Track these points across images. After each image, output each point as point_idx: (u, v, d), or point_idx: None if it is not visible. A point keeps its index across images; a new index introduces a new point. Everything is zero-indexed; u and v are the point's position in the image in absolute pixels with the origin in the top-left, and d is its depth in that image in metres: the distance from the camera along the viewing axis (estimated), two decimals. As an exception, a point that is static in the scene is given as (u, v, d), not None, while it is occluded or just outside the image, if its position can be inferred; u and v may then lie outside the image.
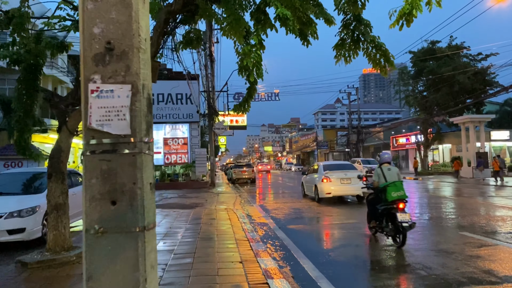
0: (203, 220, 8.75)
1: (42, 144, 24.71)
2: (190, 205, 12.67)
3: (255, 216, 10.17)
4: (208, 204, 12.99)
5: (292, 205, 12.85)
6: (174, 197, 16.24)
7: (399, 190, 6.38)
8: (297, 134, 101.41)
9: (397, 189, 6.38)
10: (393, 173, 6.76)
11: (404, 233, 6.04)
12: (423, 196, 15.50)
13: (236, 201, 14.32)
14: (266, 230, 8.04)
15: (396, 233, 6.22)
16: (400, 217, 6.06)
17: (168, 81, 23.25)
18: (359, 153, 43.50)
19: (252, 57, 4.99)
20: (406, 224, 6.01)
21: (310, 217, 10.23)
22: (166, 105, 23.07)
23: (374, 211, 6.85)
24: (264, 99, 23.48)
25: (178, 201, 14.18)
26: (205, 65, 22.76)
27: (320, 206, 12.32)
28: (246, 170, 28.20)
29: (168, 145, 23.13)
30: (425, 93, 33.87)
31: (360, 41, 6.37)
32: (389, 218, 6.41)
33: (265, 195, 17.93)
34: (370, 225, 7.12)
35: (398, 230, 6.12)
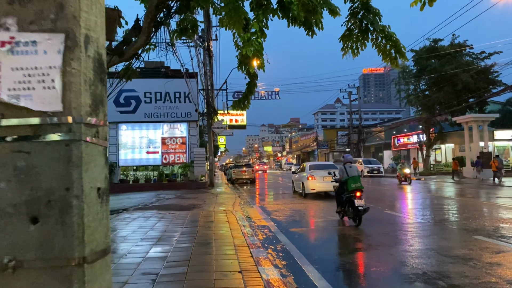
0: (200, 223, 8.28)
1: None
2: (187, 207, 12.20)
3: (255, 218, 9.71)
4: (207, 206, 12.52)
5: (293, 206, 12.39)
6: (171, 198, 15.77)
7: (357, 182, 8.20)
8: (297, 134, 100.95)
9: (355, 181, 8.21)
10: (353, 170, 8.61)
11: (360, 215, 7.96)
12: (426, 197, 15.04)
13: (236, 202, 13.85)
14: (267, 233, 7.58)
15: (355, 215, 8.03)
16: (357, 203, 7.89)
17: (165, 79, 22.76)
18: (360, 153, 43.04)
19: (253, 45, 4.53)
20: (361, 208, 7.88)
21: (314, 219, 9.77)
22: (164, 104, 22.59)
23: (340, 199, 8.70)
24: (264, 97, 23.01)
25: (176, 202, 13.71)
26: (204, 63, 22.30)
27: (323, 207, 11.85)
28: (245, 170, 27.75)
29: (166, 145, 22.65)
30: (427, 92, 33.44)
31: (369, 31, 5.91)
32: (349, 204, 8.18)
33: (265, 196, 17.46)
34: (337, 210, 8.93)
35: (356, 213, 7.94)
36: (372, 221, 8.77)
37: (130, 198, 16.42)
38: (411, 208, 11.90)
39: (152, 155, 22.64)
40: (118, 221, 8.83)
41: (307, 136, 78.24)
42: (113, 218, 9.26)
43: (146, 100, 22.47)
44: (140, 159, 22.62)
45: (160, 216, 9.43)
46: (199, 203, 13.30)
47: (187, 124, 22.78)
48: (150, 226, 7.96)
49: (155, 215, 9.72)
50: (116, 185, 21.34)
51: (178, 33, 5.06)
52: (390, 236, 7.19)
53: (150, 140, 22.65)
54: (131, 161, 22.65)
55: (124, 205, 13.05)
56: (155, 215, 9.83)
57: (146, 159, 22.67)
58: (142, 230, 7.40)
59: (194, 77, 22.26)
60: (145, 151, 22.59)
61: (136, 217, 9.39)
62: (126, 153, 22.48)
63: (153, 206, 12.39)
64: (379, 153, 48.16)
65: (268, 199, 16.07)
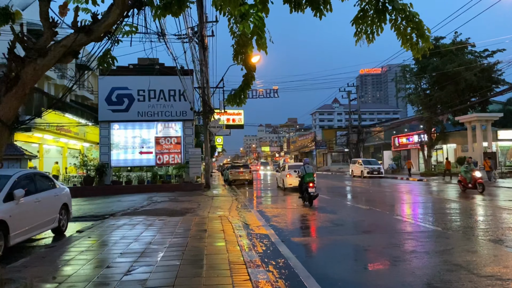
0: (192, 232, 7.40)
1: (27, 144, 23.26)
2: (180, 211, 11.31)
3: (253, 225, 8.84)
4: (201, 210, 11.64)
5: (294, 211, 11.53)
6: (164, 201, 14.88)
7: (311, 177, 12.33)
8: (294, 134, 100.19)
9: (309, 176, 12.37)
10: (309, 169, 12.83)
11: (312, 199, 12.15)
12: (436, 201, 14.15)
13: (232, 206, 12.98)
14: (267, 244, 6.71)
15: (309, 198, 12.18)
16: (310, 190, 12.09)
17: (159, 77, 21.86)
18: (359, 153, 42.26)
19: (252, 20, 3.66)
20: (312, 193, 12.07)
21: (318, 225, 8.90)
22: (158, 102, 21.67)
23: (301, 188, 12.84)
24: (262, 95, 22.14)
25: (168, 206, 12.82)
26: (200, 60, 21.40)
27: (326, 211, 10.99)
28: (243, 171, 26.88)
29: (160, 145, 21.73)
30: (428, 91, 32.69)
31: (387, 11, 5.04)
32: (306, 191, 12.23)
33: (263, 199, 16.59)
34: (299, 196, 13.09)
35: (309, 197, 12.14)
36: (380, 227, 7.94)
37: (120, 201, 15.52)
38: (420, 214, 11.07)
39: (146, 156, 21.72)
40: (100, 230, 7.93)
41: (305, 136, 77.44)
42: (95, 226, 8.36)
43: (139, 98, 21.54)
44: (133, 159, 21.69)
45: (148, 224, 8.54)
46: (193, 207, 12.41)
47: (182, 123, 21.87)
48: (134, 236, 7.07)
49: (143, 222, 8.82)
50: (108, 187, 20.43)
51: (161, 9, 4.19)
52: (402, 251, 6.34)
53: (143, 140, 21.72)
54: (124, 162, 21.71)
55: (112, 210, 12.15)
56: (143, 222, 8.93)
57: (139, 160, 21.75)
58: (125, 242, 6.51)
59: (189, 74, 21.38)
60: (138, 151, 21.67)
61: (121, 225, 8.49)
62: (119, 154, 21.54)
63: (143, 211, 11.49)
64: (378, 154, 47.43)
65: (267, 202, 15.21)
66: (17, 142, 20.81)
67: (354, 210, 11.68)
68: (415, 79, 33.43)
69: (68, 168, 26.01)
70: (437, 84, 30.37)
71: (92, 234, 7.36)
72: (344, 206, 12.77)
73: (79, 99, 30.81)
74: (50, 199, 7.55)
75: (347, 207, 12.38)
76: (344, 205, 12.90)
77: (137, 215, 10.46)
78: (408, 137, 36.68)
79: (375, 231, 7.93)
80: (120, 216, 10.31)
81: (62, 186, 8.63)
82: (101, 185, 20.52)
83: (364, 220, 9.57)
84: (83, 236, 7.15)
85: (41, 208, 7.08)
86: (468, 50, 31.42)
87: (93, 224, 8.70)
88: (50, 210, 7.41)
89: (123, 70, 21.92)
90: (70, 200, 8.73)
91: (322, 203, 13.40)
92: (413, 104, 36.02)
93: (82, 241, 6.72)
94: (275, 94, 22.16)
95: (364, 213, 10.75)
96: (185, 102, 21.57)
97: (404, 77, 34.74)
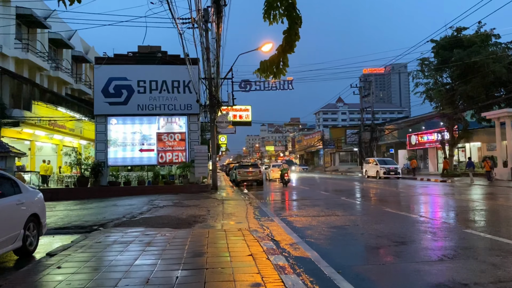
0: (208, 256, 5.25)
1: (18, 141, 21.19)
2: (186, 221, 9.16)
3: (285, 243, 6.69)
4: (212, 219, 9.48)
5: (327, 219, 9.35)
6: (167, 205, 12.74)
7: (285, 171, 23.42)
8: (297, 134, 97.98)
9: (285, 170, 23.48)
10: (286, 167, 24.65)
11: (286, 182, 23.10)
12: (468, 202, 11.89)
13: (249, 213, 10.83)
14: (319, 277, 4.56)
15: (284, 183, 23.09)
16: (286, 178, 23.08)
17: (162, 66, 19.74)
18: (372, 153, 40.04)
19: None
20: (287, 179, 23.22)
21: (374, 242, 6.71)
22: (160, 94, 19.52)
23: (281, 177, 23.41)
24: (275, 88, 19.98)
25: (172, 213, 10.67)
26: (207, 48, 19.24)
27: (372, 221, 8.80)
28: (252, 171, 24.75)
29: (163, 141, 19.59)
30: (448, 86, 30.41)
31: None
32: (282, 178, 23.23)
33: (281, 202, 14.42)
34: (281, 180, 23.88)
35: (284, 182, 23.09)
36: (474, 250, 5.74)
37: (117, 205, 13.39)
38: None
39: (147, 154, 19.58)
40: (79, 252, 5.77)
41: (311, 136, 75.18)
42: (75, 245, 6.19)
43: (139, 89, 19.41)
44: (132, 158, 19.56)
45: (147, 242, 6.38)
46: (202, 215, 10.26)
47: (186, 118, 19.73)
48: (125, 265, 4.91)
49: (139, 239, 6.67)
50: (104, 188, 18.32)
51: None
52: None
53: (144, 136, 19.59)
54: (122, 160, 19.57)
55: (104, 217, 10.02)
56: (140, 238, 6.78)
57: (139, 158, 19.61)
58: (109, 279, 4.34)
59: (195, 63, 19.24)
60: (138, 148, 19.53)
61: (110, 243, 6.34)
62: (116, 151, 19.41)
63: (142, 220, 9.35)
64: (390, 153, 45.20)
65: (287, 206, 13.03)
66: (4, 138, 18.73)
67: (403, 220, 9.50)
68: (435, 73, 31.18)
69: (63, 167, 23.96)
70: (461, 77, 28.08)
71: (66, 260, 5.21)
72: (384, 213, 10.59)
73: (76, 93, 28.72)
74: (10, 209, 5.42)
75: (390, 216, 10.20)
76: (384, 213, 10.72)
77: (134, 226, 8.31)
78: (427, 135, 34.43)
79: (459, 256, 5.75)
80: (112, 228, 8.17)
81: (32, 191, 6.50)
82: (96, 186, 18.42)
83: (435, 240, 7.38)
84: (52, 263, 5.00)
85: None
86: (493, 42, 29.14)
87: (73, 242, 6.55)
88: (9, 225, 5.28)
89: (122, 59, 19.80)
90: (44, 209, 6.60)
91: (364, 213, 11.23)
92: (431, 100, 33.74)
93: (46, 275, 4.57)
94: (289, 85, 19.99)
95: (428, 227, 8.57)
96: (190, 94, 19.44)
97: (422, 71, 32.49)
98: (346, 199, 14.62)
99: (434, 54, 31.24)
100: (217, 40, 17.49)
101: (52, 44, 25.57)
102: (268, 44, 19.83)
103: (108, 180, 18.99)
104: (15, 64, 20.99)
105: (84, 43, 31.21)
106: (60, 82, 26.20)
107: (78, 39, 29.67)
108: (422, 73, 32.58)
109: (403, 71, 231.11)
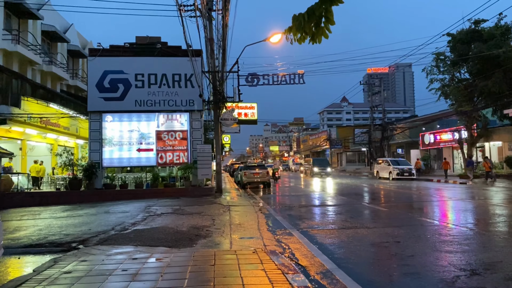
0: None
1: (10, 140, 19.70)
2: (187, 235, 7.54)
3: (314, 270, 5.05)
4: (218, 232, 7.85)
5: (357, 233, 7.68)
6: (165, 212, 11.12)
7: (277, 170, 33.99)
8: (301, 134, 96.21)
9: (276, 169, 33.72)
10: (276, 166, 42.83)
11: (276, 179, 30.81)
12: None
13: (260, 223, 9.21)
14: None
15: (275, 179, 30.18)
16: (276, 175, 31.43)
17: (162, 58, 18.14)
18: (383, 153, 38.29)
19: None
20: (277, 176, 31.95)
21: (436, 271, 5.04)
22: (159, 89, 17.92)
23: (273, 175, 30.18)
24: (284, 81, 18.32)
25: (170, 223, 9.05)
26: (210, 39, 17.63)
27: (411, 233, 7.12)
28: (259, 172, 23.07)
29: (163, 140, 17.99)
30: (467, 81, 28.62)
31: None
32: (274, 175, 30.39)
33: (294, 209, 12.77)
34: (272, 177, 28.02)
35: (275, 178, 30.50)
36: None
37: (109, 212, 11.79)
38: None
39: (145, 154, 17.99)
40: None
41: (317, 135, 73.39)
42: (31, 280, 4.55)
43: (137, 84, 17.82)
44: (129, 158, 17.96)
45: (133, 272, 4.74)
46: (206, 226, 8.63)
47: (188, 115, 18.12)
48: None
49: (123, 266, 5.03)
50: (98, 192, 16.75)
51: None
52: None
53: (142, 134, 18.00)
54: (118, 161, 17.98)
55: (90, 229, 8.41)
56: (125, 264, 5.14)
57: (137, 159, 18.01)
58: None
59: (198, 55, 17.63)
60: (135, 148, 17.94)
61: (82, 274, 4.70)
62: (112, 151, 17.83)
63: (133, 234, 7.73)
64: (397, 152, 43.42)
65: (304, 214, 11.39)
66: (-10, 137, 17.23)
67: (449, 234, 7.82)
68: (452, 68, 29.41)
69: (56, 168, 22.41)
70: (481, 72, 26.29)
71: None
72: (422, 225, 8.91)
73: (72, 89, 27.19)
74: None
75: (431, 229, 8.51)
76: (421, 224, 9.04)
77: (122, 244, 6.69)
78: (442, 134, 32.64)
79: None
80: (94, 246, 6.55)
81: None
82: (90, 190, 16.83)
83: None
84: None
85: None
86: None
87: (35, 271, 4.92)
88: None
89: (118, 50, 18.19)
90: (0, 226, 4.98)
91: (399, 224, 9.57)
92: (447, 97, 31.94)
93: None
94: (300, 79, 18.33)
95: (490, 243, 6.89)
96: (193, 89, 17.84)
97: (437, 66, 30.72)
98: (369, 205, 12.96)
99: (450, 48, 29.50)
100: (223, 26, 15.86)
101: (45, 37, 24.05)
102: (277, 34, 18.22)
103: (103, 182, 17.42)
104: (4, 57, 19.47)
105: (81, 38, 29.69)
106: (54, 78, 24.67)
107: (74, 33, 28.15)
108: (437, 69, 30.85)
109: (407, 71, 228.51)
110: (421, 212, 11.16)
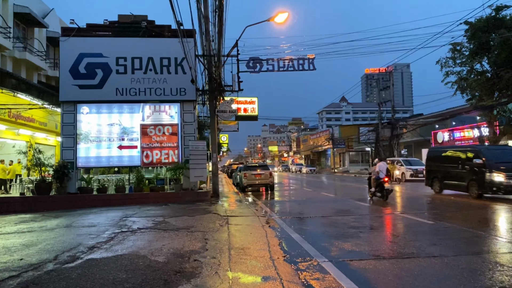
0: None
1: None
2: (162, 273, 4.80)
3: None
4: (209, 265, 5.11)
5: (420, 265, 4.97)
6: (144, 227, 8.38)
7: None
8: (300, 134, 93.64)
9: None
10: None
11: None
12: None
13: (271, 245, 6.51)
14: None
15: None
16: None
17: (148, 39, 15.40)
18: (393, 152, 35.67)
19: None
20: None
21: None
22: (145, 75, 15.19)
23: None
24: (292, 68, 15.62)
25: (144, 247, 6.31)
26: (205, 17, 14.92)
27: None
28: (261, 173, 20.39)
29: (149, 136, 15.26)
30: (489, 74, 26.04)
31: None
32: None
33: (314, 222, 10.03)
34: None
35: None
36: None
37: (71, 226, 9.04)
38: None
39: (128, 151, 15.22)
40: None
41: (318, 135, 70.76)
42: None
43: (118, 69, 15.07)
44: (109, 157, 15.18)
45: None
46: (194, 251, 5.88)
47: (179, 106, 15.39)
48: None
49: None
50: (71, 197, 13.98)
51: None
52: None
53: (124, 128, 15.25)
54: (96, 161, 15.20)
55: (21, 258, 5.65)
56: None
57: (118, 157, 15.23)
58: None
59: (190, 36, 14.90)
60: (116, 145, 15.18)
61: None
62: (89, 148, 15.06)
63: (80, 269, 4.97)
64: (410, 152, 40.82)
65: (328, 230, 8.66)
66: None
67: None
68: (471, 59, 26.82)
69: (31, 169, 19.64)
70: (507, 62, 23.72)
71: None
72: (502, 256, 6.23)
73: (53, 81, 24.38)
74: None
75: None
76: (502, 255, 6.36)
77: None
78: (459, 131, 30.05)
79: None
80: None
81: None
82: (62, 194, 14.07)
83: None
84: None
85: None
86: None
87: None
88: None
89: (96, 30, 15.44)
90: None
91: (471, 251, 6.90)
92: (463, 92, 29.36)
93: None
94: (310, 65, 15.64)
95: None
96: (184, 75, 15.14)
97: (453, 58, 28.14)
98: (406, 216, 10.26)
99: (468, 37, 26.91)
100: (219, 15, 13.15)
101: (19, 21, 21.24)
102: (282, 13, 15.56)
103: (78, 186, 14.66)
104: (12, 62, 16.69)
105: (63, 24, 26.88)
106: (30, 67, 21.86)
107: (56, 19, 25.38)
108: (452, 61, 28.29)
109: (405, 71, 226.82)
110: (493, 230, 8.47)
